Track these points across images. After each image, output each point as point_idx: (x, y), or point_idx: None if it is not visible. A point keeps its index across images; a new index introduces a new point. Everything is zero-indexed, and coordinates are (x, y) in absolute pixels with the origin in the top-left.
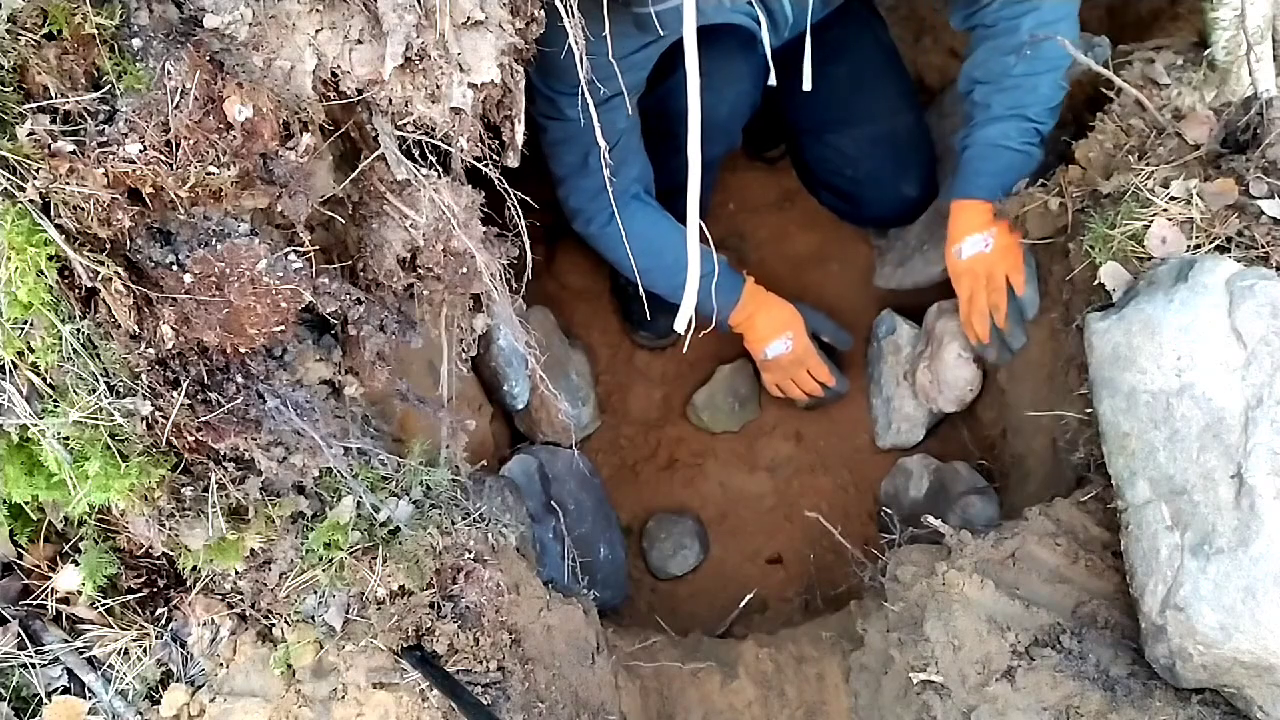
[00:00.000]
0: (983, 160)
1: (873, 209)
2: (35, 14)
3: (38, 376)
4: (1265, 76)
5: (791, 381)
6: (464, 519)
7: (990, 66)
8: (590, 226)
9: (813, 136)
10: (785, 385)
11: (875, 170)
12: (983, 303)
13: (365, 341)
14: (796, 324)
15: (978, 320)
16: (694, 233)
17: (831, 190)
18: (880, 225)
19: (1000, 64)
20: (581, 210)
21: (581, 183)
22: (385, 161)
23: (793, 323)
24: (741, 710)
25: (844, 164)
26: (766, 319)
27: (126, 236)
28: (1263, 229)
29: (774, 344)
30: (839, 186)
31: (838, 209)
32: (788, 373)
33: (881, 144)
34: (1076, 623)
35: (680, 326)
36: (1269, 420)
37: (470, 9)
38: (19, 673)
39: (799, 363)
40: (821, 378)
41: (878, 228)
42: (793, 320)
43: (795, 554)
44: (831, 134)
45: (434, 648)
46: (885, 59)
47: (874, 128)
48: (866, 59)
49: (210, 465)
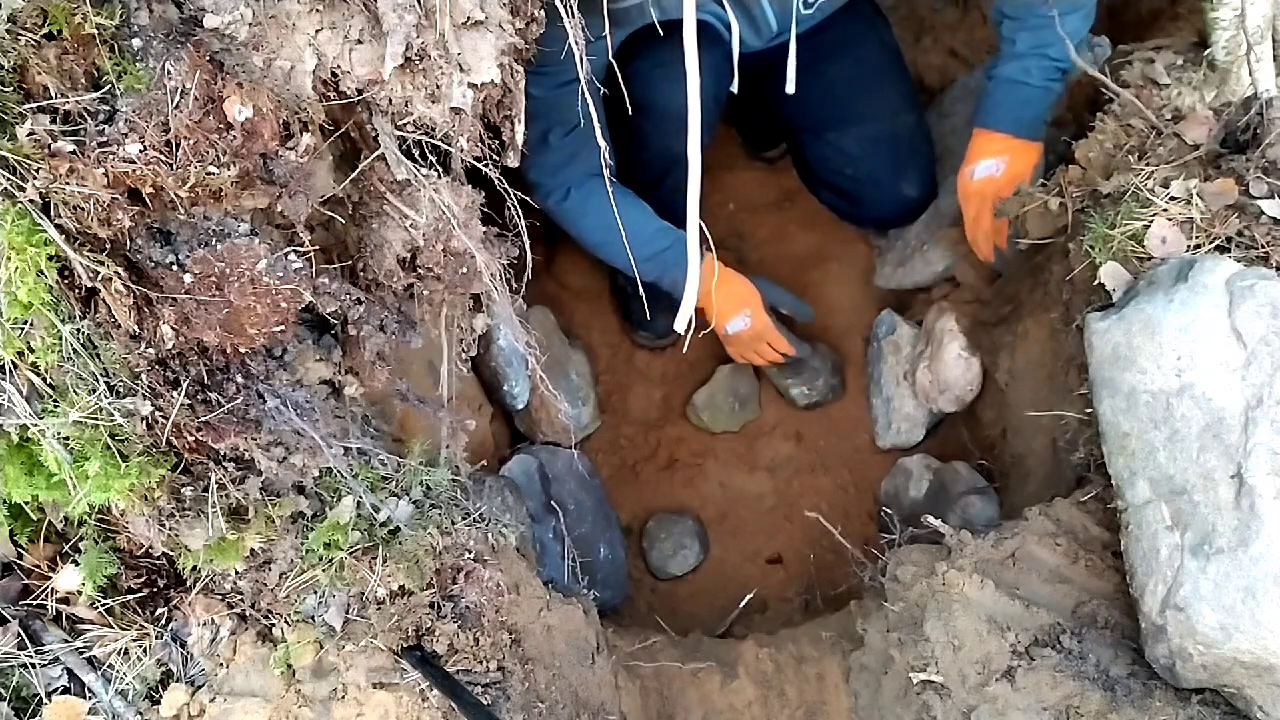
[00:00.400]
0: (1003, 94)
1: (873, 209)
2: (35, 14)
3: (38, 376)
4: (1265, 76)
5: (754, 353)
6: (464, 519)
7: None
8: (549, 200)
9: (813, 135)
10: (749, 356)
11: (875, 170)
12: (987, 222)
13: (365, 341)
14: (754, 300)
15: (982, 239)
16: (694, 232)
17: (832, 189)
18: (880, 226)
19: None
20: (541, 184)
21: (542, 159)
22: (385, 161)
23: (750, 299)
24: (741, 710)
25: (844, 163)
26: (725, 296)
27: (126, 236)
28: (1263, 229)
29: (734, 321)
30: (839, 185)
31: (838, 208)
32: (749, 346)
33: (882, 144)
34: (1076, 623)
35: (680, 327)
36: (1269, 420)
37: (470, 9)
38: (19, 673)
39: (758, 337)
40: (781, 349)
41: (878, 228)
42: (750, 297)
43: (795, 554)
44: (832, 133)
45: (434, 648)
46: (887, 59)
47: (875, 127)
48: (868, 58)
49: (210, 465)
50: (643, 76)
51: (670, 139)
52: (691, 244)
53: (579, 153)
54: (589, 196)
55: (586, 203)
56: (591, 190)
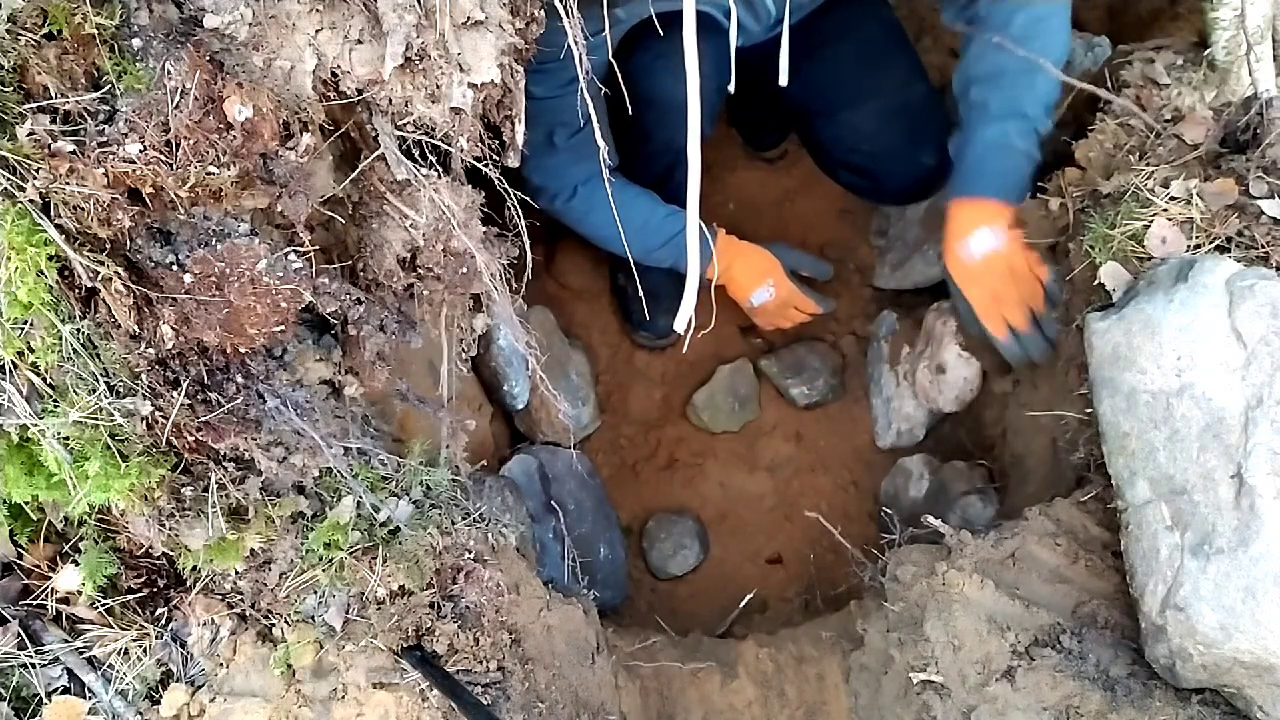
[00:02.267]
0: (983, 161)
1: (893, 182)
2: (35, 14)
3: (38, 376)
4: (1265, 76)
5: (783, 319)
6: (464, 519)
7: (985, 63)
8: (556, 201)
9: (826, 117)
10: (778, 323)
11: (892, 143)
12: (1014, 297)
13: (365, 341)
14: (775, 269)
15: (1011, 313)
16: (694, 233)
17: (850, 169)
18: (901, 200)
19: (994, 61)
20: (545, 187)
21: (546, 160)
22: (385, 161)
23: (770, 269)
24: (741, 710)
25: (860, 140)
26: (744, 269)
27: (126, 236)
28: (1263, 229)
29: (758, 293)
30: (857, 164)
31: (858, 187)
32: (777, 314)
33: (896, 116)
34: (1076, 623)
35: (680, 326)
36: (1269, 420)
37: (470, 9)
38: (19, 673)
39: (785, 304)
40: (809, 310)
41: (899, 203)
42: (770, 266)
43: (795, 554)
44: (845, 112)
45: (434, 648)
46: (891, 34)
47: (887, 100)
48: (872, 36)
49: (210, 465)
50: (644, 69)
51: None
52: (691, 244)
53: (585, 151)
54: (595, 192)
55: (593, 198)
56: (597, 186)
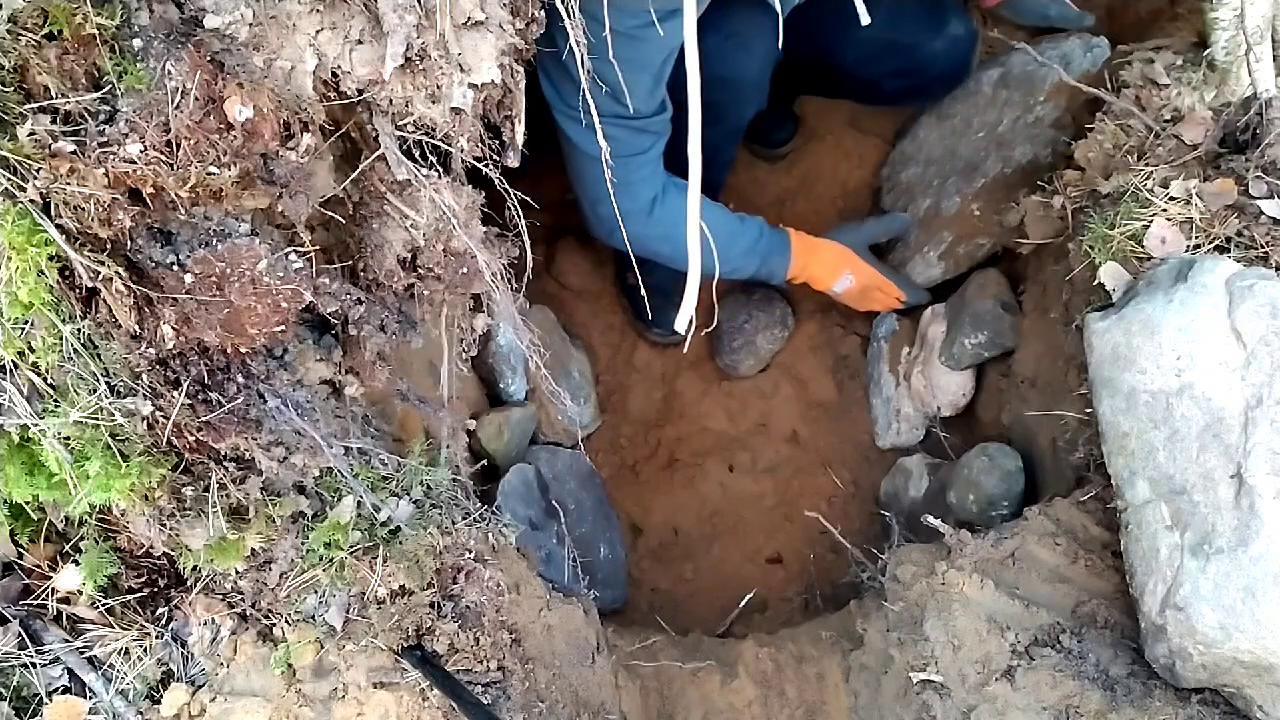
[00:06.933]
0: None
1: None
2: (36, 14)
3: (38, 376)
4: (1265, 76)
5: (872, 302)
6: (464, 519)
7: None
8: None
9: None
10: (870, 306)
11: (918, 29)
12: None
13: (366, 341)
14: (849, 259)
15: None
16: (694, 233)
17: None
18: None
19: None
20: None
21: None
22: (385, 161)
23: (846, 260)
24: (741, 710)
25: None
26: (820, 265)
27: (127, 236)
28: (1262, 229)
29: (839, 283)
30: (894, 68)
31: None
32: (864, 299)
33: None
34: (1076, 622)
35: (680, 326)
36: (1269, 420)
37: (470, 9)
38: (19, 672)
39: (868, 289)
40: (893, 295)
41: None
42: (844, 258)
43: (795, 554)
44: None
45: (434, 647)
46: None
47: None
48: None
49: (211, 465)
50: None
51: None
52: (692, 244)
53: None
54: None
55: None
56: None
